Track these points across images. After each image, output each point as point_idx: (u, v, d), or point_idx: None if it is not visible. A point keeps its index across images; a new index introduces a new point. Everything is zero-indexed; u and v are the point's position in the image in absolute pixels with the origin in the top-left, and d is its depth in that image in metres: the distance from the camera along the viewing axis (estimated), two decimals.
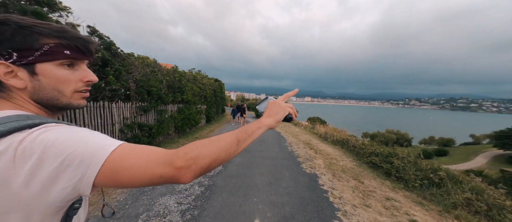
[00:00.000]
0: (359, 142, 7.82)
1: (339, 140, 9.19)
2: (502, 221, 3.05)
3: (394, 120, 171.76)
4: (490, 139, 62.06)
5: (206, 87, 12.99)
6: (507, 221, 3.04)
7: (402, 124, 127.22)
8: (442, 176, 3.94)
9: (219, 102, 17.36)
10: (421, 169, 4.45)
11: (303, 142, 9.08)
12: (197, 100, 10.81)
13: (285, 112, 0.71)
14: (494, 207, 3.17)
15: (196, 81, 12.17)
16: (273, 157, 5.95)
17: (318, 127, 13.46)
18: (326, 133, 11.04)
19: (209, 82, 14.34)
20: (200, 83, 12.45)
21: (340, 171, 5.10)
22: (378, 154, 5.86)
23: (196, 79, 12.42)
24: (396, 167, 4.85)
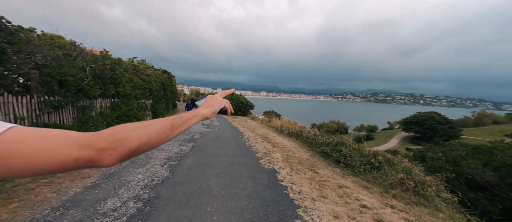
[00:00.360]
0: (311, 133, 8.30)
1: (294, 132, 9.58)
2: (425, 194, 3.63)
3: (335, 112, 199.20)
4: (399, 124, 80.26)
5: (151, 79, 11.25)
6: (428, 193, 3.63)
7: (341, 114, 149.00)
8: (380, 160, 4.47)
9: (169, 97, 15.53)
10: (364, 155, 4.96)
11: (260, 136, 9.01)
12: (139, 94, 9.18)
13: (221, 105, 0.80)
14: (419, 183, 3.75)
15: (138, 72, 10.35)
16: (230, 154, 5.54)
17: (274, 120, 13.81)
18: (282, 125, 11.40)
19: (155, 74, 12.52)
20: (143, 74, 10.66)
21: (297, 163, 5.16)
22: (329, 143, 6.29)
23: (138, 70, 10.57)
24: (344, 155, 5.27)
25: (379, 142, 55.86)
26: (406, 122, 56.39)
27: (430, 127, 49.82)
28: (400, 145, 51.79)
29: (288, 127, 10.81)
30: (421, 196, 3.63)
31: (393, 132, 69.52)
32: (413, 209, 3.28)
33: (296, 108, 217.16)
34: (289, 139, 8.92)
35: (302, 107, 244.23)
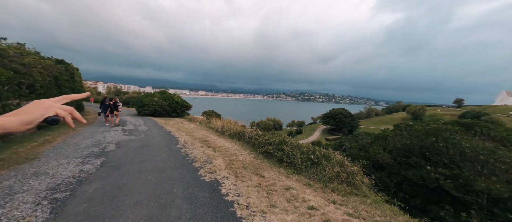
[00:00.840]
0: (253, 133, 8.16)
1: (236, 133, 9.19)
2: (354, 183, 4.05)
3: (271, 110, 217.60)
4: (320, 119, 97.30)
5: (33, 71, 7.85)
6: (357, 181, 4.07)
7: (276, 112, 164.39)
8: (318, 156, 4.74)
9: None
10: (304, 152, 5.16)
11: (199, 139, 8.04)
12: (5, 92, 6.12)
13: (45, 113, 0.54)
14: (350, 174, 4.17)
15: (5, 59, 6.98)
16: (159, 168, 4.41)
17: (214, 121, 12.95)
18: (223, 126, 10.77)
19: (41, 64, 8.88)
20: (16, 63, 7.27)
21: (242, 168, 4.73)
22: (271, 143, 6.25)
23: (5, 56, 7.13)
24: (287, 153, 5.32)
25: (307, 134, 65.40)
26: (324, 117, 68.77)
27: (340, 120, 62.86)
28: (321, 136, 62.60)
29: (230, 127, 10.32)
30: (352, 186, 4.02)
31: (316, 125, 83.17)
32: (349, 200, 3.53)
33: (236, 108, 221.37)
34: (231, 141, 8.44)
35: (242, 107, 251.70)
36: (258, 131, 7.98)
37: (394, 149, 6.56)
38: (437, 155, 5.50)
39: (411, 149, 6.04)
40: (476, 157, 4.90)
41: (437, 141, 5.38)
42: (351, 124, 63.18)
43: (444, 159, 5.21)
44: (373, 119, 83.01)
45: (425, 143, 5.79)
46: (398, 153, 6.41)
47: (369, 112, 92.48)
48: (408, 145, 6.06)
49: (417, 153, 5.94)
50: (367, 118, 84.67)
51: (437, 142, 5.37)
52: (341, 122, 62.63)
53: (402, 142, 6.32)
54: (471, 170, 4.81)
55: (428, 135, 5.92)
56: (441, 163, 5.35)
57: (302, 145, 5.64)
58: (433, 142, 5.44)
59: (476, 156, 4.90)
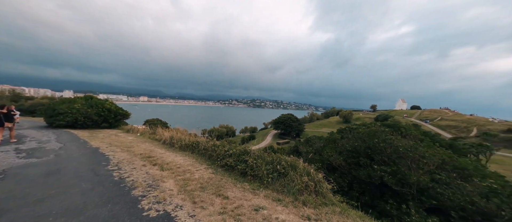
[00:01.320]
0: (210, 144, 7.29)
1: (189, 144, 8.03)
2: (323, 192, 3.94)
3: (224, 116, 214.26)
4: (271, 124, 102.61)
5: None
6: (324, 190, 3.99)
7: (229, 119, 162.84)
8: (285, 166, 4.48)
9: None
10: (269, 162, 4.81)
11: (141, 156, 6.51)
12: None
13: None
14: (317, 182, 4.06)
15: None
16: (75, 207, 3.05)
17: (160, 132, 11.12)
18: (172, 137, 9.30)
19: None
20: None
21: (200, 189, 3.90)
22: (232, 154, 5.63)
23: None
24: (251, 165, 4.82)
25: (260, 140, 67.31)
26: (275, 122, 72.83)
27: (289, 125, 67.98)
28: (273, 140, 65.74)
29: (181, 138, 8.99)
30: (321, 195, 3.91)
31: (267, 130, 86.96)
32: (322, 212, 3.34)
33: (186, 115, 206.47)
34: (183, 154, 7.27)
35: (192, 114, 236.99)
36: (215, 141, 7.18)
37: (345, 151, 7.15)
38: (378, 154, 6.27)
39: (358, 150, 6.71)
40: (406, 154, 5.83)
41: (379, 141, 6.13)
42: (298, 128, 69.37)
43: (385, 157, 5.97)
44: (315, 122, 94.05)
45: (369, 144, 6.54)
46: (348, 154, 7.02)
47: (312, 116, 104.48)
48: (356, 147, 6.71)
49: (363, 154, 6.64)
50: (310, 122, 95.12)
51: (379, 143, 6.12)
52: (290, 126, 67.84)
53: (351, 144, 6.96)
54: (404, 165, 5.67)
55: (370, 137, 6.73)
56: (381, 161, 6.12)
57: (266, 154, 5.28)
58: (376, 143, 6.18)
59: (406, 153, 5.83)
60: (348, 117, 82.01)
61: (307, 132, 72.74)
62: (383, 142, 6.03)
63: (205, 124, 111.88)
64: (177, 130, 10.50)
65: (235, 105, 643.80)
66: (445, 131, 53.62)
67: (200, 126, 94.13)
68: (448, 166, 6.59)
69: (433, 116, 73.96)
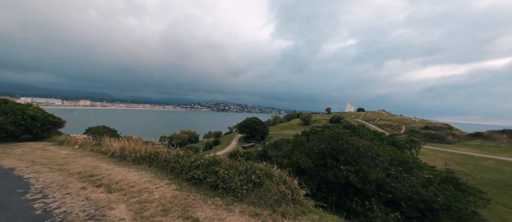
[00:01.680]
0: (172, 154, 6.42)
1: (145, 156, 6.92)
2: (299, 200, 3.82)
3: (185, 121, 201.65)
4: (236, 128, 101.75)
5: None
6: (300, 198, 3.88)
7: (191, 124, 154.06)
8: (260, 175, 4.20)
9: None
10: (242, 172, 4.45)
11: (79, 175, 5.19)
12: None
13: None
14: (293, 190, 3.92)
15: None
16: None
17: (107, 142, 9.35)
18: (124, 148, 7.89)
19: None
20: None
21: (161, 214, 3.23)
22: (200, 165, 5.03)
23: None
24: (222, 177, 4.36)
25: (224, 145, 65.70)
26: (240, 126, 72.55)
27: (254, 128, 68.76)
28: (238, 144, 65.17)
29: (135, 148, 7.70)
30: (298, 203, 3.78)
31: (232, 135, 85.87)
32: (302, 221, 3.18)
33: (141, 121, 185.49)
34: (139, 169, 6.19)
35: (148, 119, 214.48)
36: (179, 150, 6.36)
37: (312, 154, 7.40)
38: (342, 154, 6.70)
39: (324, 152, 7.03)
40: (365, 153, 6.39)
41: (343, 143, 6.55)
42: (263, 131, 70.89)
43: (348, 157, 6.40)
44: (278, 125, 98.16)
45: (334, 146, 6.93)
46: (315, 156, 7.28)
47: (275, 119, 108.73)
48: (323, 149, 7.02)
49: (328, 155, 7.00)
50: (274, 125, 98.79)
51: (343, 144, 6.54)
52: (255, 129, 68.67)
53: (318, 146, 7.25)
54: (364, 164, 6.19)
55: (335, 139, 7.16)
56: (345, 161, 6.54)
57: (238, 163, 4.90)
58: (340, 144, 6.57)
59: (365, 152, 6.39)
60: (308, 119, 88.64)
61: (271, 135, 75.06)
62: (346, 143, 6.49)
63: (164, 130, 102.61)
64: (129, 139, 9.01)
65: (198, 110, 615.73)
66: (383, 129, 63.73)
67: (158, 133, 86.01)
68: (395, 161, 7.52)
69: (374, 116, 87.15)
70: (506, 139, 28.01)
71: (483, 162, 19.68)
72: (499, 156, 21.51)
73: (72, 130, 32.99)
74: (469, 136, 31.89)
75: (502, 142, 27.48)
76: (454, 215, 5.75)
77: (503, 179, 13.58)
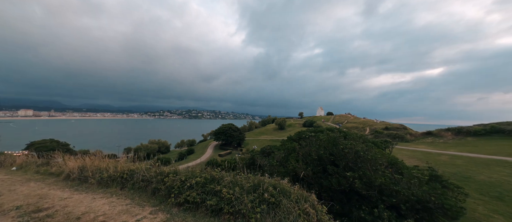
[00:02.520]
0: (152, 171, 5.24)
1: (114, 176, 5.56)
2: (323, 219, 3.26)
3: (153, 130, 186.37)
4: (210, 135, 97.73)
5: None
6: (324, 216, 3.33)
7: (161, 133, 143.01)
8: (273, 193, 3.51)
9: None
10: (250, 190, 3.70)
11: (16, 213, 3.72)
12: None
13: None
14: (318, 210, 3.35)
15: None
16: None
17: (60, 161, 7.44)
18: (84, 167, 6.28)
19: None
20: None
21: None
22: (193, 185, 4.08)
23: None
24: (227, 198, 3.54)
25: (199, 153, 62.17)
26: (215, 133, 69.92)
27: (230, 135, 67.04)
28: (214, 152, 62.46)
29: (100, 167, 6.19)
30: None
31: (207, 142, 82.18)
32: None
33: (100, 132, 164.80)
34: (107, 194, 4.87)
35: (109, 129, 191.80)
36: (162, 167, 5.23)
37: (309, 160, 7.01)
38: (342, 160, 6.46)
39: (323, 158, 6.72)
40: (365, 157, 6.26)
41: (343, 148, 6.32)
42: (239, 137, 69.61)
43: (350, 163, 6.18)
44: (254, 130, 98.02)
45: (332, 151, 6.66)
46: (314, 163, 6.91)
47: (251, 125, 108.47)
48: (321, 155, 6.70)
49: (327, 162, 6.70)
50: (249, 130, 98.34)
51: (343, 149, 6.31)
52: (231, 136, 66.98)
53: (316, 152, 6.90)
54: (366, 169, 6.03)
55: (332, 143, 6.92)
56: (346, 167, 6.31)
57: (246, 178, 4.12)
58: (340, 149, 6.33)
59: (365, 156, 6.27)
60: (283, 123, 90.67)
61: (248, 141, 74.23)
62: (346, 147, 6.29)
63: (128, 141, 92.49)
64: (93, 155, 7.31)
65: (168, 117, 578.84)
66: (351, 131, 68.92)
67: (121, 144, 77.10)
68: (385, 163, 7.62)
69: (342, 119, 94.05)
70: (451, 135, 32.19)
71: (439, 157, 22.08)
72: (450, 151, 24.28)
73: (7, 146, 27.21)
74: (422, 134, 36.11)
75: (448, 139, 31.53)
76: (447, 213, 5.91)
77: (459, 171, 15.35)
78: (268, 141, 74.43)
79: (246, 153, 57.88)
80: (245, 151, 60.80)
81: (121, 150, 70.83)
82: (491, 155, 19.73)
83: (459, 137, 29.90)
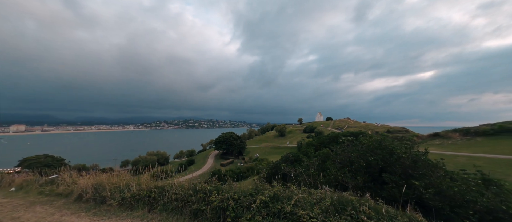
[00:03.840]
0: (185, 188, 4.35)
1: (140, 196, 4.66)
2: None
3: (151, 142, 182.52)
4: (210, 145, 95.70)
5: None
6: None
7: (159, 144, 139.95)
8: (371, 215, 2.70)
9: None
10: (332, 211, 2.88)
11: None
12: None
13: None
14: None
15: None
16: None
17: (67, 177, 6.45)
18: (100, 185, 5.34)
19: None
20: None
21: None
22: (260, 204, 3.24)
23: None
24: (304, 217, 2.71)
25: (200, 164, 60.34)
26: (216, 142, 68.45)
27: (231, 143, 65.64)
28: (215, 162, 60.79)
29: (119, 184, 5.27)
30: None
31: (207, 152, 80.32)
32: None
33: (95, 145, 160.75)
34: (135, 218, 3.97)
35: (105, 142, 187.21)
36: (202, 183, 4.36)
37: (357, 168, 6.21)
38: (397, 166, 5.66)
39: (373, 165, 5.94)
40: (425, 162, 5.52)
41: (401, 153, 5.57)
42: (240, 145, 68.19)
43: (409, 169, 5.41)
44: (254, 138, 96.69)
45: (384, 156, 5.90)
46: (361, 171, 6.11)
47: (250, 133, 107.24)
48: (371, 162, 5.92)
49: (376, 168, 5.91)
50: (249, 138, 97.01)
51: (401, 154, 5.55)
52: (232, 145, 65.57)
53: (364, 158, 6.12)
54: (428, 176, 5.27)
55: (379, 148, 6.17)
56: (405, 174, 5.52)
57: (313, 192, 3.31)
58: (398, 154, 5.58)
59: (425, 161, 5.52)
60: (283, 130, 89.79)
61: (249, 149, 72.78)
62: (404, 153, 5.53)
63: (126, 154, 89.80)
64: (118, 172, 6.33)
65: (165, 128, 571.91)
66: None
67: (118, 157, 74.65)
68: None
69: (342, 124, 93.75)
70: (459, 136, 31.74)
71: (456, 159, 21.29)
72: (464, 153, 23.61)
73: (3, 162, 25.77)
74: (429, 136, 35.59)
75: (457, 140, 31.02)
76: None
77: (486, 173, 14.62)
78: (270, 148, 73.18)
79: (249, 161, 56.46)
80: (247, 160, 59.31)
81: (118, 163, 68.47)
82: (508, 155, 19.24)
83: (468, 137, 29.51)
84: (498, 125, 28.81)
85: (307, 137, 68.22)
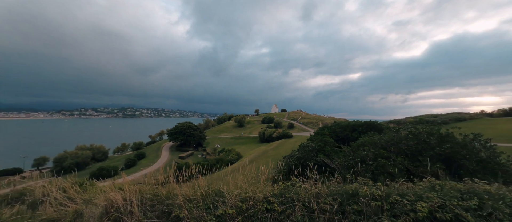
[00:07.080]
0: None
1: None
2: None
3: (78, 133, 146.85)
4: (159, 135, 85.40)
5: None
6: None
7: (90, 136, 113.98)
8: None
9: None
10: None
11: None
12: None
13: None
14: None
15: None
16: None
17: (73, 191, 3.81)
18: (129, 201, 3.30)
19: None
20: None
21: None
22: None
23: None
24: None
25: (153, 157, 53.07)
26: (172, 133, 61.60)
27: (189, 134, 60.66)
28: (171, 155, 54.87)
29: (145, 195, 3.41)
30: None
31: (159, 144, 71.56)
32: None
33: None
34: None
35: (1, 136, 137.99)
36: None
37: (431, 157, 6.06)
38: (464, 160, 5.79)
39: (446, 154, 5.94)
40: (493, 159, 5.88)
41: (469, 147, 5.84)
42: (200, 136, 64.03)
43: (472, 164, 5.69)
44: (212, 129, 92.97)
45: (443, 150, 5.98)
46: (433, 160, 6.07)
47: (207, 123, 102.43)
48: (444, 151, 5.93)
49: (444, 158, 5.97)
50: (207, 129, 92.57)
51: (471, 148, 5.84)
52: (191, 135, 60.71)
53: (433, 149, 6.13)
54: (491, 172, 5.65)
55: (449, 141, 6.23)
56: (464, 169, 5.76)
57: None
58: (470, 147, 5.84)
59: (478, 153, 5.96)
60: (242, 121, 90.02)
61: (208, 140, 69.33)
62: (470, 144, 5.82)
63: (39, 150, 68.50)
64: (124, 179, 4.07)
65: (94, 116, 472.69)
66: (308, 127, 75.69)
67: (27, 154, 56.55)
68: None
69: (296, 116, 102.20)
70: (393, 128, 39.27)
71: None
72: None
73: None
74: None
75: None
76: None
77: None
78: (230, 138, 72.01)
79: (212, 153, 53.65)
80: (210, 151, 56.26)
81: (30, 162, 51.73)
82: None
83: None
84: (419, 117, 37.66)
85: (267, 127, 70.57)
